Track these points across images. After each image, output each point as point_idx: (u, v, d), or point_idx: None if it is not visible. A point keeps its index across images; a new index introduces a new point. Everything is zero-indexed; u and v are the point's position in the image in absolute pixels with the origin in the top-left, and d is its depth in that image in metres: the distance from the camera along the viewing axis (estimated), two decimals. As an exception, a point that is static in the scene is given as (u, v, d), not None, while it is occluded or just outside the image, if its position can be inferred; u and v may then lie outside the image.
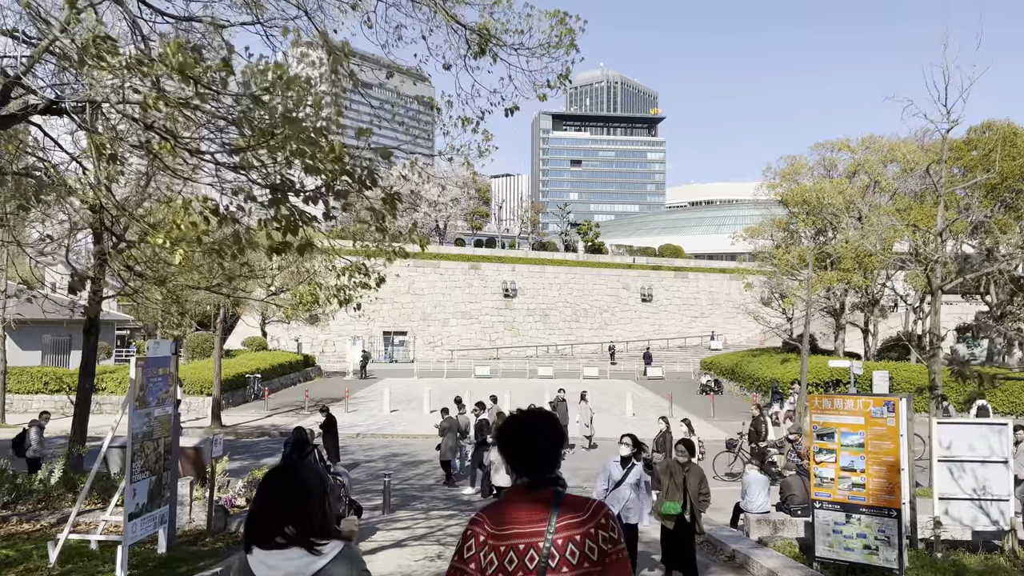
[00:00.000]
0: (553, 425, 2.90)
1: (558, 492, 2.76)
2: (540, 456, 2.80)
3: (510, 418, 2.96)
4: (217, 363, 26.11)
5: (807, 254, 26.48)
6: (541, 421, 2.89)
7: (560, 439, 2.89)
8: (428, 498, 15.42)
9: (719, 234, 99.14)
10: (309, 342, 56.98)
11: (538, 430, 2.84)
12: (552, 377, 44.74)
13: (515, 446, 2.83)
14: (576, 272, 67.85)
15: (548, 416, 2.95)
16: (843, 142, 34.03)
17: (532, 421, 2.88)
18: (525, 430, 2.84)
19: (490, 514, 2.75)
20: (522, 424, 2.87)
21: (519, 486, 2.79)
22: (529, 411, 2.98)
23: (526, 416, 2.93)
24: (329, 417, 18.05)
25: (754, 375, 34.83)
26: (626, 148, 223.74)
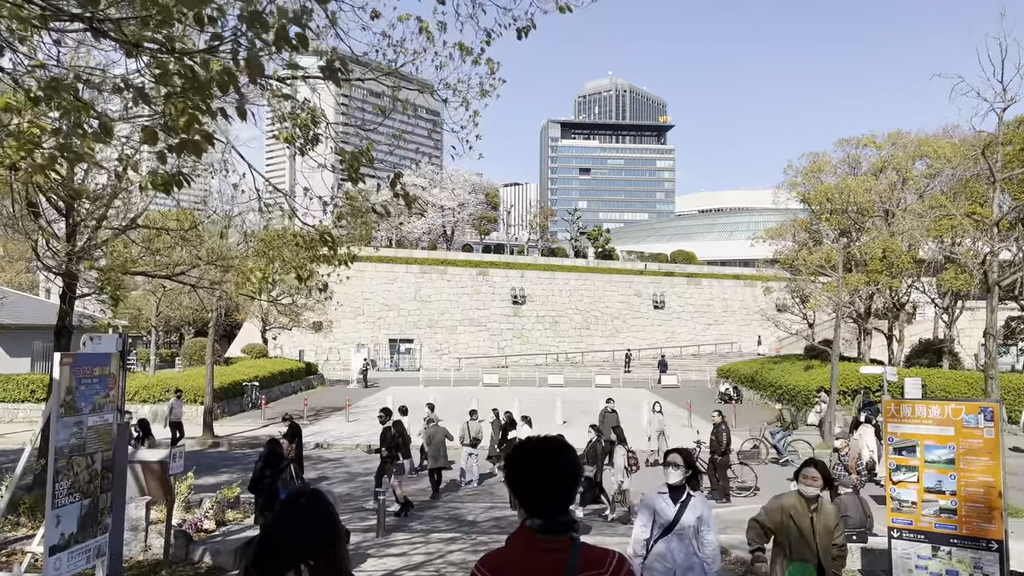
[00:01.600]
0: (572, 457, 2.55)
1: (575, 541, 2.44)
2: (558, 494, 2.45)
3: (521, 447, 2.57)
4: (209, 369, 24.66)
5: (836, 253, 24.85)
6: (559, 451, 2.52)
7: (580, 473, 2.56)
8: (429, 517, 13.87)
9: (732, 240, 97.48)
10: (314, 350, 55.60)
11: (555, 462, 2.48)
12: (563, 385, 43.17)
13: (528, 481, 2.47)
14: (586, 278, 66.32)
15: (565, 446, 2.58)
16: (868, 138, 32.42)
17: (549, 451, 2.51)
18: (541, 462, 2.48)
19: (495, 562, 2.43)
20: (537, 455, 2.50)
21: (531, 528, 2.42)
22: (545, 440, 2.59)
23: (541, 445, 2.54)
24: (293, 426, 16.53)
25: (775, 383, 33.13)
26: (635, 156, 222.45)
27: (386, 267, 60.55)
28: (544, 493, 2.44)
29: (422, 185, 71.81)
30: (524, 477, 2.48)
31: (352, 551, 10.66)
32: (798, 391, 30.33)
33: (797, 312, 38.21)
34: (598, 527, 13.51)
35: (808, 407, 29.05)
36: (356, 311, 58.90)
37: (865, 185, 30.37)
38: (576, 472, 2.54)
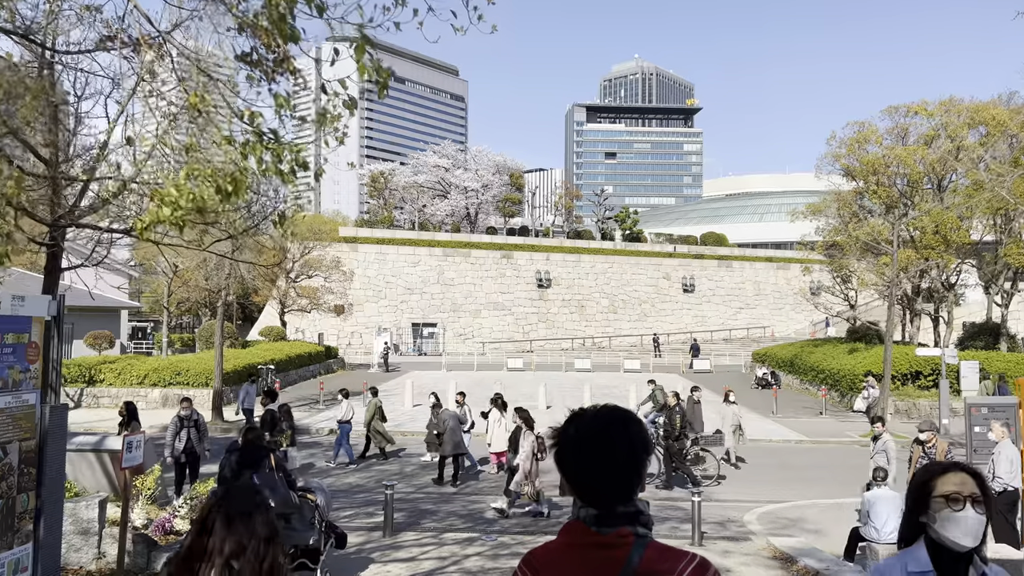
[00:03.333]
0: (638, 430, 1.99)
1: (640, 536, 1.92)
2: (619, 477, 1.93)
3: (575, 419, 2.03)
4: (218, 351, 23.41)
5: (889, 226, 22.94)
6: (621, 423, 1.98)
7: (648, 450, 2.00)
8: (444, 513, 12.38)
9: (763, 223, 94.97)
10: (335, 334, 54.53)
11: (617, 437, 1.95)
12: (590, 370, 41.58)
13: (581, 460, 1.95)
14: (613, 261, 64.49)
15: (630, 417, 2.00)
16: (919, 105, 30.24)
17: (609, 423, 1.98)
18: (598, 436, 1.95)
19: (540, 561, 1.98)
20: (593, 428, 1.97)
21: (583, 520, 1.95)
22: (604, 409, 2.03)
23: (599, 415, 2.01)
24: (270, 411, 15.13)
25: (817, 367, 31.26)
26: (662, 140, 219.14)
27: (408, 250, 59.21)
28: (601, 476, 1.94)
29: (445, 166, 70.26)
30: (576, 455, 1.98)
31: (353, 555, 9.21)
32: (842, 375, 28.49)
33: (838, 293, 36.18)
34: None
35: (854, 392, 27.23)
36: (378, 294, 57.69)
37: (916, 155, 28.31)
38: (643, 449, 1.99)
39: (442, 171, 70.38)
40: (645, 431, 2.05)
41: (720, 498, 14.11)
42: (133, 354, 31.60)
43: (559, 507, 12.78)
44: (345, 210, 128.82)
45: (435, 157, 71.94)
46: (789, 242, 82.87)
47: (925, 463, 10.07)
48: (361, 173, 79.55)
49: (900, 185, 30.28)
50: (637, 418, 2.05)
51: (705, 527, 10.86)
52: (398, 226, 66.40)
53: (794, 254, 72.86)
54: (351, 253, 56.41)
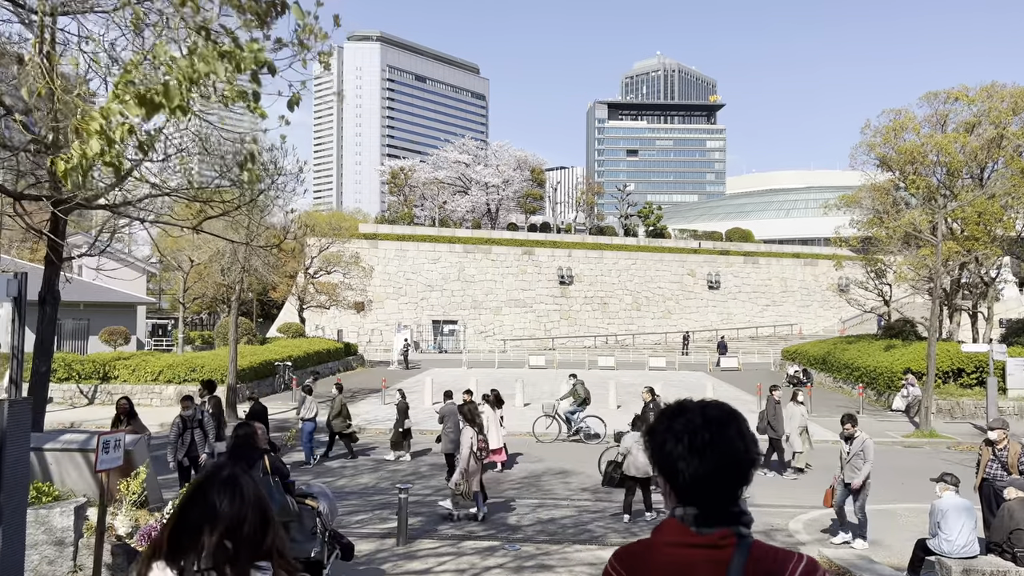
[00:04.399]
0: (746, 428, 1.90)
1: (742, 537, 1.80)
2: (733, 476, 1.83)
3: (675, 412, 1.93)
4: (232, 346, 22.76)
5: (929, 216, 21.77)
6: (729, 419, 1.88)
7: (757, 450, 1.89)
8: (464, 518, 11.51)
9: (789, 218, 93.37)
10: (355, 331, 53.98)
11: (725, 433, 1.84)
12: (614, 368, 40.59)
13: (695, 457, 1.82)
14: (637, 257, 63.37)
15: (736, 413, 1.92)
16: (959, 91, 28.91)
17: (716, 418, 1.87)
18: (704, 432, 1.83)
19: (633, 560, 1.86)
20: (710, 424, 1.85)
21: (682, 520, 1.83)
22: (709, 404, 1.93)
23: (705, 410, 1.90)
24: (258, 408, 14.37)
25: (851, 364, 30.06)
26: (684, 137, 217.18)
27: (429, 246, 58.51)
28: (717, 474, 1.80)
29: (465, 161, 69.42)
30: (690, 451, 1.81)
31: (363, 566, 8.38)
32: (879, 373, 27.30)
33: (872, 288, 34.88)
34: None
35: (891, 391, 26.05)
36: (398, 291, 57.06)
37: (957, 142, 27.04)
38: (753, 448, 1.85)
39: (462, 167, 69.57)
40: (751, 430, 1.92)
41: (759, 502, 13.14)
42: (148, 351, 31.09)
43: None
44: (366, 208, 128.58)
45: (455, 152, 71.16)
46: (817, 238, 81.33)
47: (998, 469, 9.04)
48: (381, 170, 79.01)
49: (939, 175, 29.00)
50: (742, 416, 1.93)
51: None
52: (418, 223, 65.70)
53: (822, 250, 71.41)
54: (371, 250, 55.83)
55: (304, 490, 6.97)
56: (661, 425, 1.93)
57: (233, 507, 2.12)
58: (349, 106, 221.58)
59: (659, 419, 1.96)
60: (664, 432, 1.89)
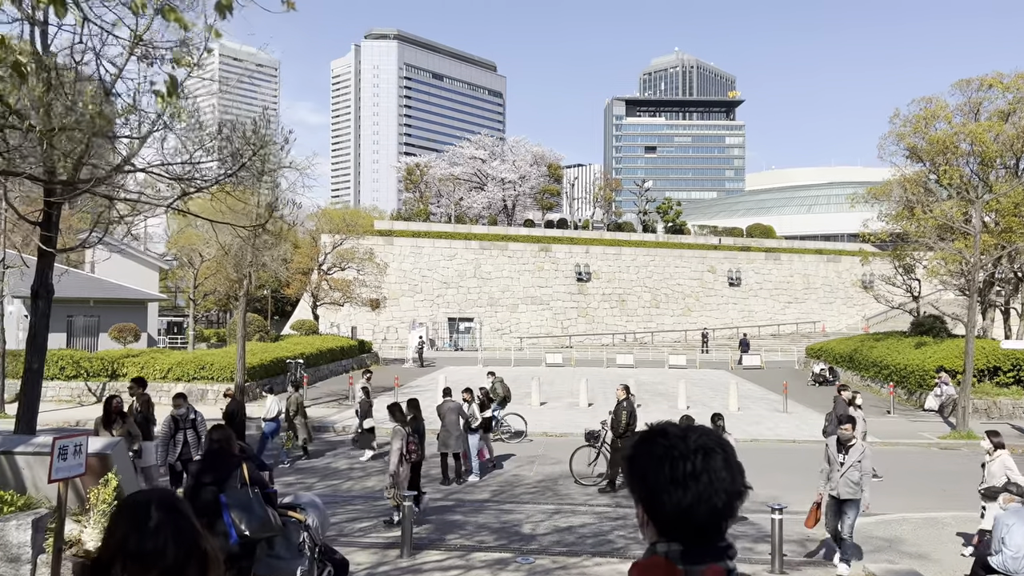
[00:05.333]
0: (734, 458, 1.74)
1: (730, 572, 1.70)
2: (710, 509, 1.66)
3: (654, 436, 1.76)
4: (240, 343, 22.15)
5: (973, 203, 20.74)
6: (717, 448, 1.71)
7: (739, 486, 1.72)
8: (473, 527, 10.74)
9: (811, 214, 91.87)
10: (371, 328, 53.47)
11: (713, 463, 1.68)
12: (633, 366, 39.71)
13: (667, 488, 1.67)
14: (655, 254, 62.35)
15: (724, 443, 1.74)
16: (993, 78, 27.78)
17: (704, 447, 1.70)
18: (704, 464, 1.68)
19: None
20: (685, 451, 1.69)
21: (667, 557, 1.67)
22: (694, 430, 1.76)
23: (692, 437, 1.73)
24: (235, 403, 13.63)
25: (880, 362, 29.01)
26: (703, 133, 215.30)
27: (444, 243, 57.85)
28: (691, 507, 1.63)
29: (482, 157, 68.68)
30: (662, 482, 1.66)
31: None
32: (910, 371, 26.26)
33: (901, 283, 33.75)
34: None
35: (923, 389, 25.02)
36: (414, 288, 56.45)
37: (991, 131, 25.94)
38: (740, 479, 1.69)
39: (479, 163, 68.83)
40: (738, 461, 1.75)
41: (791, 510, 12.27)
42: (158, 348, 30.65)
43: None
44: (383, 205, 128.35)
45: (472, 148, 70.44)
46: (839, 234, 79.85)
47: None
48: (397, 167, 78.51)
49: (972, 165, 27.90)
50: (729, 445, 1.74)
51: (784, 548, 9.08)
52: (434, 219, 65.09)
53: (845, 246, 70.04)
54: (386, 247, 55.28)
55: (290, 501, 6.24)
56: (641, 451, 1.73)
57: (145, 541, 1.79)
58: (366, 104, 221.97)
59: (639, 444, 1.76)
60: (645, 459, 1.71)
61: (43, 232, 13.28)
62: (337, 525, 10.48)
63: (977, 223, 19.87)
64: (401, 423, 11.11)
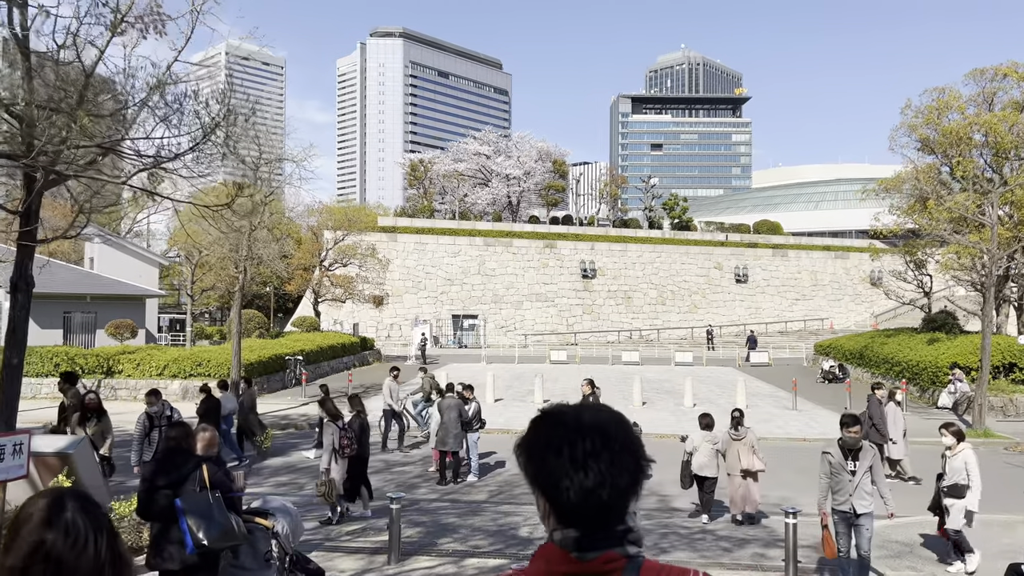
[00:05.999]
0: (631, 437, 1.62)
1: (631, 558, 1.58)
2: (620, 493, 1.55)
3: (548, 419, 1.64)
4: (236, 339, 21.66)
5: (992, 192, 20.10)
6: (611, 427, 1.61)
7: (643, 462, 1.61)
8: (468, 529, 10.17)
9: (819, 211, 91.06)
10: (374, 325, 53.01)
11: (622, 443, 1.58)
12: (638, 363, 39.11)
13: (576, 472, 1.54)
14: (662, 251, 61.72)
15: (620, 420, 1.64)
16: (1008, 67, 27.08)
17: (601, 425, 1.60)
18: (597, 443, 1.56)
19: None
20: (582, 431, 1.58)
21: (560, 544, 1.56)
22: (585, 410, 1.64)
23: (581, 417, 1.61)
24: (209, 401, 13.07)
25: (891, 359, 28.36)
26: (709, 130, 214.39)
27: (448, 239, 57.32)
28: (593, 491, 1.52)
29: (486, 153, 68.06)
30: (562, 467, 1.53)
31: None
32: (922, 368, 25.60)
33: (912, 279, 33.09)
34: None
35: (936, 387, 24.38)
36: (418, 285, 55.94)
37: (1006, 121, 25.26)
38: (643, 456, 1.60)
39: (483, 159, 68.23)
40: (639, 440, 1.62)
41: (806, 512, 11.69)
42: (154, 344, 30.18)
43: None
44: (389, 203, 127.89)
45: (476, 144, 69.80)
46: (847, 231, 78.98)
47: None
48: (401, 163, 77.96)
49: (986, 157, 27.22)
50: (627, 422, 1.64)
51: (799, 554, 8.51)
52: (438, 216, 64.56)
53: (854, 242, 69.26)
54: (390, 243, 54.81)
55: (258, 506, 5.69)
56: (536, 436, 1.60)
57: (60, 544, 1.67)
58: (372, 102, 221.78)
59: (533, 429, 1.62)
60: (542, 445, 1.57)
61: (23, 222, 12.78)
62: (324, 529, 9.94)
63: (993, 214, 19.22)
64: (333, 417, 10.69)
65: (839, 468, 7.71)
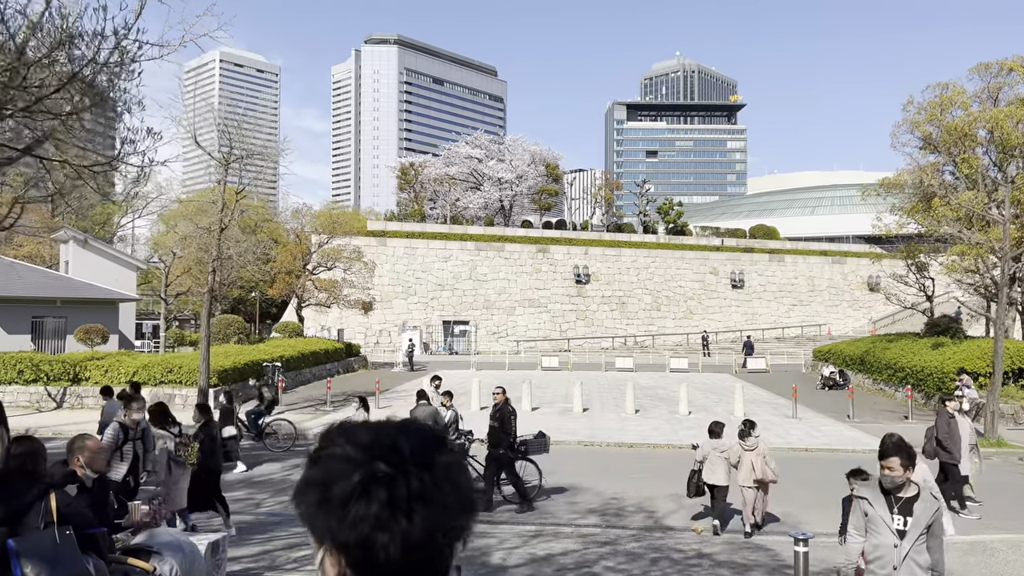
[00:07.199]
0: (459, 476, 1.15)
1: None
2: (444, 539, 1.11)
3: (346, 446, 1.13)
4: (205, 342, 20.47)
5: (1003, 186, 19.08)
6: (441, 447, 1.17)
7: (474, 494, 1.17)
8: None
9: (815, 216, 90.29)
10: (363, 332, 51.84)
11: (445, 473, 1.14)
12: (632, 370, 38.01)
13: (386, 521, 1.07)
14: (656, 256, 60.64)
15: (445, 438, 1.18)
16: (1014, 62, 26.13)
17: (423, 451, 1.14)
18: (415, 478, 1.11)
19: None
20: (404, 460, 1.12)
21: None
22: (406, 426, 1.18)
23: (408, 437, 1.15)
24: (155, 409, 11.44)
25: (895, 364, 27.29)
26: (705, 137, 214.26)
27: (439, 244, 56.17)
28: (420, 545, 1.08)
29: (478, 156, 66.98)
30: (377, 514, 1.07)
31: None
32: (928, 374, 24.54)
33: (913, 283, 32.07)
34: None
35: (943, 393, 23.25)
36: (408, 290, 54.76)
37: (1013, 117, 24.30)
38: (476, 487, 1.17)
39: (475, 162, 67.13)
40: (470, 478, 1.17)
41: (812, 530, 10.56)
42: (125, 351, 28.94)
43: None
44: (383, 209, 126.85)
45: (468, 148, 68.68)
46: (844, 236, 78.04)
47: None
48: (392, 167, 76.88)
49: (992, 154, 26.26)
50: (456, 449, 1.19)
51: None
52: (430, 220, 63.42)
53: (851, 247, 68.31)
54: (379, 247, 53.68)
55: (140, 542, 4.53)
56: (333, 469, 1.10)
57: None
58: (367, 109, 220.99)
59: (328, 458, 1.11)
60: (342, 480, 1.09)
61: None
62: (270, 554, 8.78)
63: (1007, 210, 18.18)
64: (161, 425, 9.58)
65: (878, 524, 4.91)
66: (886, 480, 4.90)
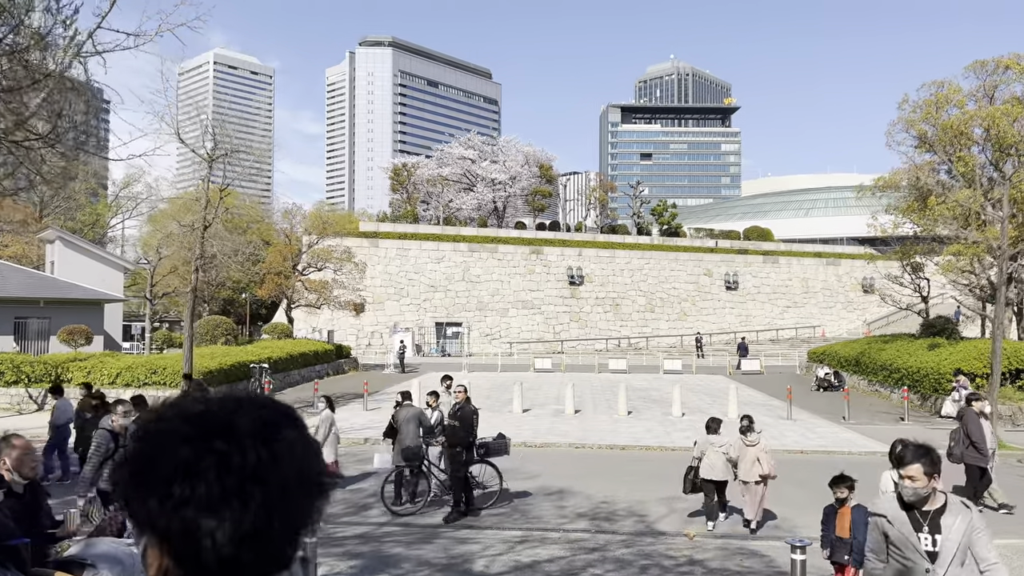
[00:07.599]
0: (308, 442, 1.03)
1: None
2: (285, 526, 0.97)
3: (175, 423, 0.98)
4: (188, 343, 20.05)
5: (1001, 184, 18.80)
6: (287, 423, 1.02)
7: (323, 479, 1.03)
8: (414, 562, 8.57)
9: (809, 218, 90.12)
10: (355, 333, 51.38)
11: (288, 450, 0.99)
12: (626, 372, 37.66)
13: (216, 508, 0.92)
14: (650, 257, 60.34)
15: (292, 413, 1.05)
16: (1010, 59, 25.86)
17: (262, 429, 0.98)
18: (250, 453, 0.95)
19: None
20: (238, 437, 0.95)
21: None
22: (240, 401, 1.01)
23: (233, 420, 0.97)
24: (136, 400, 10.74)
25: (890, 365, 27.01)
26: (699, 140, 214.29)
27: (432, 245, 55.76)
28: (257, 533, 0.95)
29: (471, 157, 66.63)
30: (205, 500, 0.93)
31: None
32: (924, 375, 24.25)
33: (908, 283, 31.81)
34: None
35: (939, 394, 23.01)
36: (400, 292, 54.32)
37: (1012, 114, 24.04)
38: (323, 467, 1.03)
39: (468, 163, 66.78)
40: (318, 455, 1.05)
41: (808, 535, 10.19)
42: (109, 352, 28.45)
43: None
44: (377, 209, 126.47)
45: (461, 148, 68.32)
46: (838, 238, 77.96)
47: None
48: (385, 168, 76.46)
49: (988, 152, 26.00)
50: (299, 419, 1.04)
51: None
52: (423, 222, 63.04)
53: (846, 248, 68.16)
54: (371, 248, 53.24)
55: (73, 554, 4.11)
56: (158, 444, 0.96)
57: None
58: (361, 111, 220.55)
59: (155, 434, 0.97)
60: (166, 457, 0.95)
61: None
62: None
63: (1006, 208, 17.89)
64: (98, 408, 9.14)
65: (903, 546, 4.11)
66: (907, 492, 4.11)
